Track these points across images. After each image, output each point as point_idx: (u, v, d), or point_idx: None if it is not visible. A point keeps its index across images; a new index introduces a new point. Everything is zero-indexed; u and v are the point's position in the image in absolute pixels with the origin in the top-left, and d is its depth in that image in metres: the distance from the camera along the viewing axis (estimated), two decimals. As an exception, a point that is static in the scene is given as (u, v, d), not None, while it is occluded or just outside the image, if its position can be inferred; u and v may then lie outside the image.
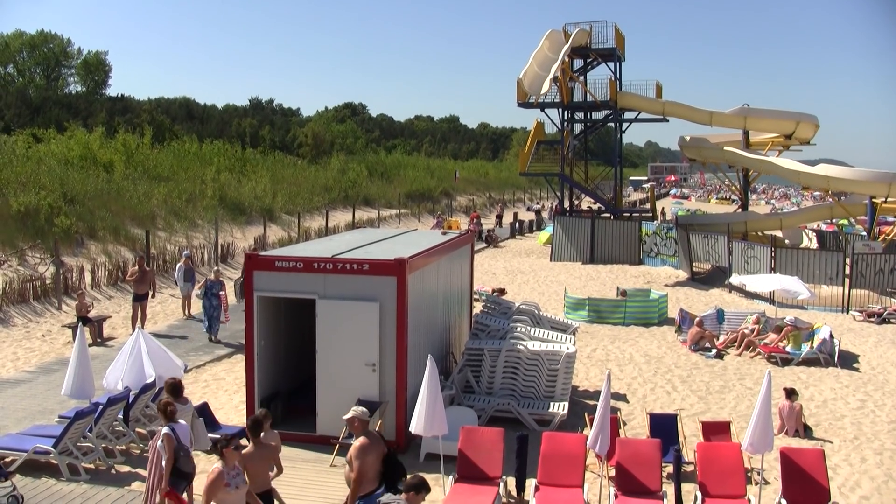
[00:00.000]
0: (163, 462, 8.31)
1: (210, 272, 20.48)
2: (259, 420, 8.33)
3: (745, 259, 26.25)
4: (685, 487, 9.78)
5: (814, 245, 33.68)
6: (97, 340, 17.76)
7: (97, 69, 74.65)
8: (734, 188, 38.83)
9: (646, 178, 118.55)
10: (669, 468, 10.24)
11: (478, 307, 17.15)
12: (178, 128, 58.95)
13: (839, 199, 32.95)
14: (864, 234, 30.05)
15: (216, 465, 7.28)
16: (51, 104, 57.72)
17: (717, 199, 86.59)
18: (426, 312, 12.71)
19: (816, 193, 68.16)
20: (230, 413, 13.01)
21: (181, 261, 21.08)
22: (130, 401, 11.47)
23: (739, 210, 37.11)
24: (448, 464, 10.10)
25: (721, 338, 18.63)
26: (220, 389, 14.53)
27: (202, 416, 11.94)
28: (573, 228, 34.29)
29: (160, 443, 8.37)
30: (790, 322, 18.00)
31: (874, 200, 28.48)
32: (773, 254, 25.14)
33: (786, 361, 17.15)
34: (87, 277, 22.45)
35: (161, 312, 21.24)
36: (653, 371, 16.36)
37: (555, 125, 38.53)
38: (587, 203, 52.98)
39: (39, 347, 17.39)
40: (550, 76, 33.49)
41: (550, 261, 33.82)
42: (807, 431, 12.81)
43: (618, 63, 37.65)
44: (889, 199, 27.98)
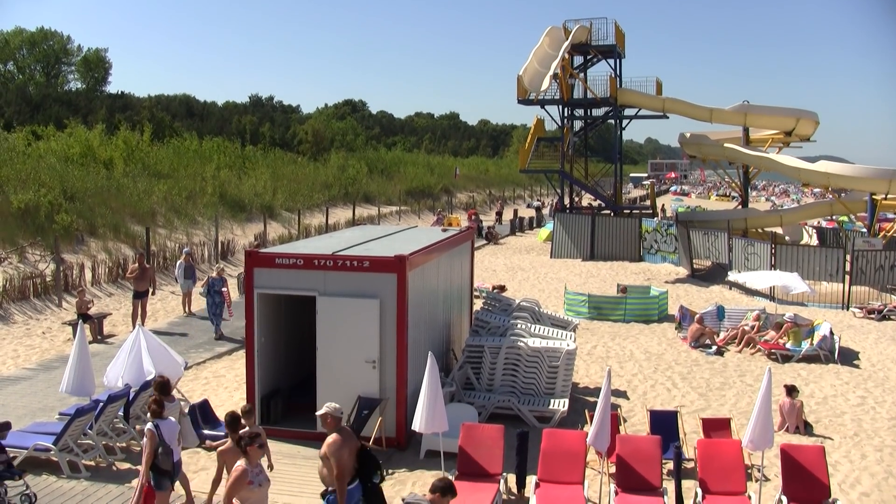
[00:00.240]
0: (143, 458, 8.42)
1: (212, 269, 20.49)
2: (236, 416, 8.39)
3: (746, 256, 26.25)
4: (685, 484, 9.79)
5: (814, 242, 33.67)
6: (97, 338, 17.77)
7: (97, 66, 74.62)
8: (734, 185, 38.78)
9: (646, 175, 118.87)
10: (670, 465, 10.25)
11: (478, 304, 17.14)
12: (179, 125, 58.93)
13: (839, 196, 32.95)
14: (865, 231, 30.04)
15: (240, 463, 7.22)
16: (51, 101, 57.69)
17: (718, 196, 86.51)
18: (426, 309, 12.71)
19: (816, 190, 68.20)
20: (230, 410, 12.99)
21: (181, 258, 21.10)
22: (131, 398, 11.47)
23: (740, 207, 37.08)
24: (448, 461, 10.11)
25: (721, 334, 18.63)
26: (221, 387, 14.54)
27: (203, 414, 11.99)
28: (573, 225, 34.29)
29: (144, 439, 8.47)
30: (790, 319, 18.00)
31: (874, 197, 28.47)
32: (774, 250, 25.14)
33: (786, 358, 17.16)
34: (88, 275, 22.47)
35: (161, 310, 21.25)
36: (653, 368, 16.37)
37: (555, 122, 38.54)
38: (587, 200, 53.09)
39: (40, 345, 17.40)
40: (550, 73, 33.45)
41: (551, 258, 33.82)
42: (807, 428, 12.82)
43: (618, 60, 37.64)
44: (889, 196, 27.97)
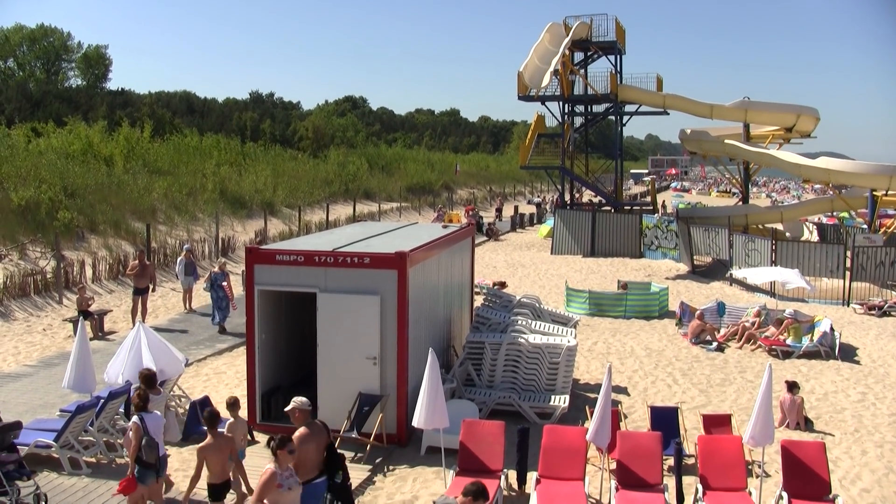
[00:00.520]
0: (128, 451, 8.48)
1: (214, 265, 20.53)
2: (215, 413, 8.39)
3: (746, 252, 26.26)
4: (686, 480, 9.78)
5: (814, 238, 33.67)
6: (98, 334, 17.79)
7: (97, 63, 74.56)
8: (735, 181, 38.79)
9: (646, 172, 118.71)
10: (670, 461, 10.25)
11: (479, 300, 17.14)
12: (179, 121, 58.89)
13: (840, 192, 32.93)
14: (865, 227, 30.04)
15: (269, 466, 7.21)
16: (51, 98, 57.62)
17: (718, 192, 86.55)
18: (427, 306, 12.71)
19: (817, 186, 68.21)
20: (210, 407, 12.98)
21: (182, 254, 21.10)
22: (131, 395, 11.46)
23: (740, 203, 37.08)
24: (449, 457, 10.12)
25: (722, 331, 18.63)
26: (221, 383, 14.54)
27: (204, 410, 11.97)
28: (574, 222, 34.29)
29: (130, 433, 8.49)
30: (791, 315, 17.99)
31: (875, 193, 28.47)
32: (774, 247, 25.14)
33: (786, 354, 17.16)
34: (88, 271, 22.48)
35: (162, 306, 21.26)
36: (654, 364, 16.38)
37: (555, 118, 38.54)
38: (588, 196, 53.06)
39: (40, 341, 17.40)
40: (551, 69, 33.43)
41: (551, 254, 33.83)
42: (808, 424, 12.82)
43: (618, 56, 37.60)
44: (890, 192, 27.98)
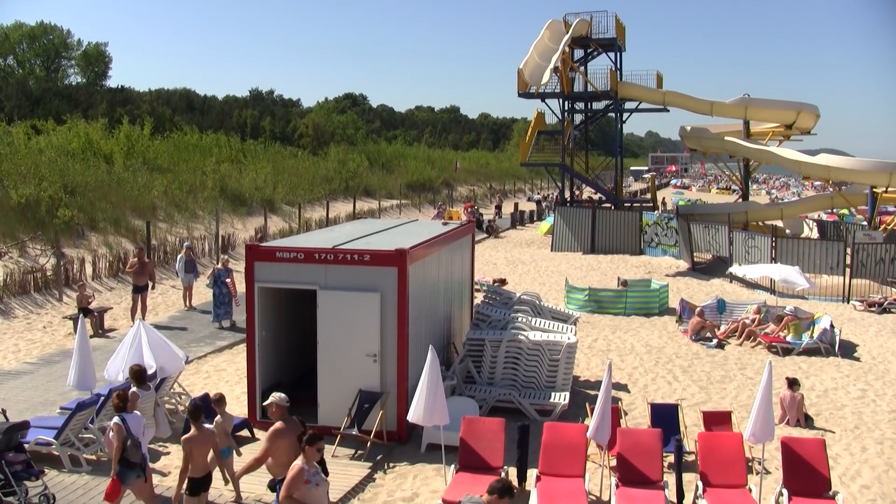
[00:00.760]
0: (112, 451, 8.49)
1: (217, 262, 20.56)
2: (198, 406, 8.44)
3: (746, 249, 26.25)
4: (686, 477, 9.79)
5: (814, 235, 33.66)
6: (98, 332, 17.79)
7: (97, 60, 74.43)
8: (735, 178, 38.76)
9: (646, 168, 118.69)
10: (670, 458, 10.26)
11: (479, 297, 17.15)
12: (179, 119, 58.82)
13: (840, 189, 32.91)
14: (865, 224, 30.03)
15: (297, 462, 7.23)
16: (51, 95, 57.54)
17: (718, 189, 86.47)
18: (427, 303, 12.72)
19: (817, 183, 68.17)
20: (231, 404, 12.93)
21: (182, 252, 21.11)
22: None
23: (740, 200, 37.08)
24: (449, 454, 10.13)
25: (722, 328, 18.64)
26: (222, 380, 14.55)
27: (203, 408, 11.98)
28: (574, 219, 34.29)
29: (111, 433, 8.50)
30: (791, 312, 18.00)
31: (875, 190, 28.45)
32: (774, 244, 25.13)
33: (787, 351, 17.16)
34: (88, 269, 22.47)
35: (162, 304, 21.26)
36: (654, 361, 16.38)
37: (555, 115, 38.52)
38: (588, 193, 53.02)
39: (40, 339, 17.41)
40: (551, 66, 33.39)
41: (551, 251, 33.82)
42: (808, 421, 12.83)
43: (618, 53, 37.53)
44: (890, 189, 27.95)
